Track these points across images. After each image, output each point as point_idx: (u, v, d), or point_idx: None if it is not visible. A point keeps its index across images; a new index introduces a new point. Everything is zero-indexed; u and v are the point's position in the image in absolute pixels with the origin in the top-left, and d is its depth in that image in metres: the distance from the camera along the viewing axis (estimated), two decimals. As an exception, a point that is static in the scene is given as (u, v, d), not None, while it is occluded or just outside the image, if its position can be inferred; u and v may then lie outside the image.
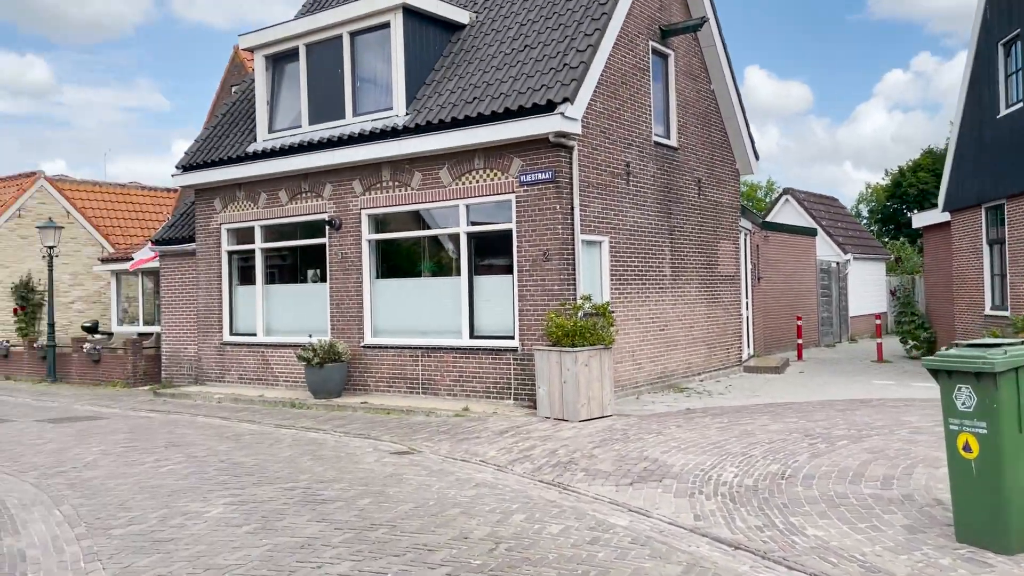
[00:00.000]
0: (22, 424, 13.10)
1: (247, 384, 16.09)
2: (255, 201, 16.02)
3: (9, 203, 25.90)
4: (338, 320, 14.73)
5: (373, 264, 14.49)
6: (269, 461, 9.06)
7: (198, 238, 17.06)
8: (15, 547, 6.06)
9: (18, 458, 9.99)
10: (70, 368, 20.61)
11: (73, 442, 11.02)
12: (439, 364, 13.38)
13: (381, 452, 9.50)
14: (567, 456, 8.73)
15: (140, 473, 8.66)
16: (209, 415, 13.35)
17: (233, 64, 26.11)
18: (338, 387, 14.05)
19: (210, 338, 16.80)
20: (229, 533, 6.16)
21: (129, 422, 12.90)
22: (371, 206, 14.30)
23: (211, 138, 17.16)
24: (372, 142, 13.91)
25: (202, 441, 10.68)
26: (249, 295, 16.38)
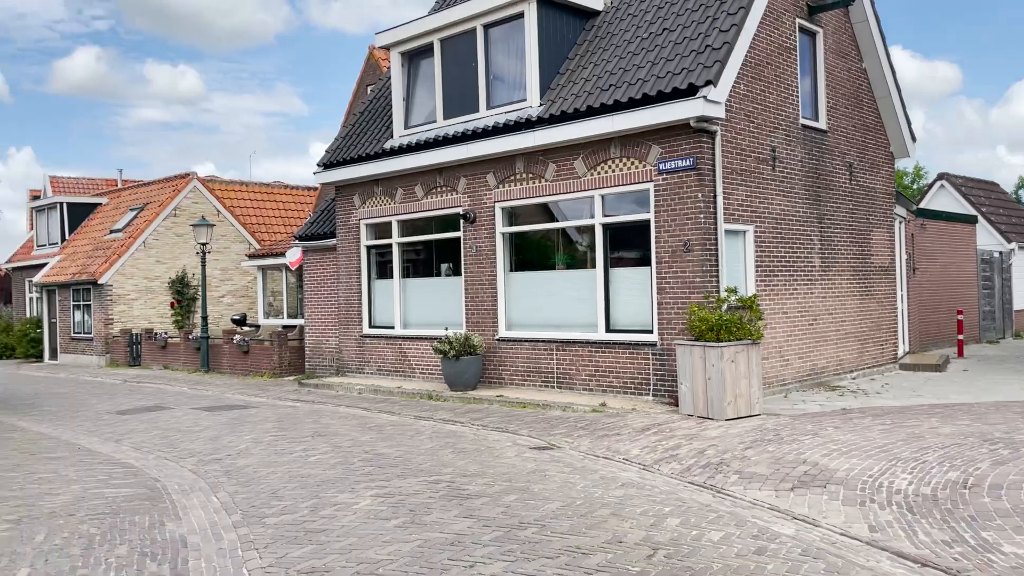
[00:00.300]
0: (180, 412, 13.82)
1: (385, 375, 16.39)
2: (392, 196, 16.28)
3: (166, 203, 27.61)
4: (472, 313, 14.74)
5: (507, 257, 14.40)
6: (411, 453, 9.08)
7: (338, 233, 17.52)
8: (177, 532, 6.26)
9: (177, 444, 10.48)
10: (221, 359, 21.72)
11: (226, 430, 11.48)
12: (574, 358, 13.13)
13: (520, 447, 9.34)
14: (717, 457, 8.28)
15: (289, 462, 8.86)
16: (351, 406, 13.65)
17: (368, 64, 26.78)
18: (473, 380, 14.06)
19: (350, 331, 17.24)
20: (378, 526, 6.12)
21: (277, 411, 13.36)
22: (505, 199, 14.21)
23: (350, 136, 17.58)
24: (506, 134, 13.80)
25: (346, 431, 10.88)
26: (387, 288, 16.68)
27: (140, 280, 26.84)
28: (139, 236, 26.76)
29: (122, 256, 26.36)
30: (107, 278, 26.03)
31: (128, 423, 12.68)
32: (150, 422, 12.68)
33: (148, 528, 6.38)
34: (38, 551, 5.77)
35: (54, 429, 12.34)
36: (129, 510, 6.95)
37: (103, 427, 12.33)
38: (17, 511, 6.98)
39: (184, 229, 27.64)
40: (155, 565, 5.45)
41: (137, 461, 9.40)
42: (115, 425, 12.50)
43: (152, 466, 9.06)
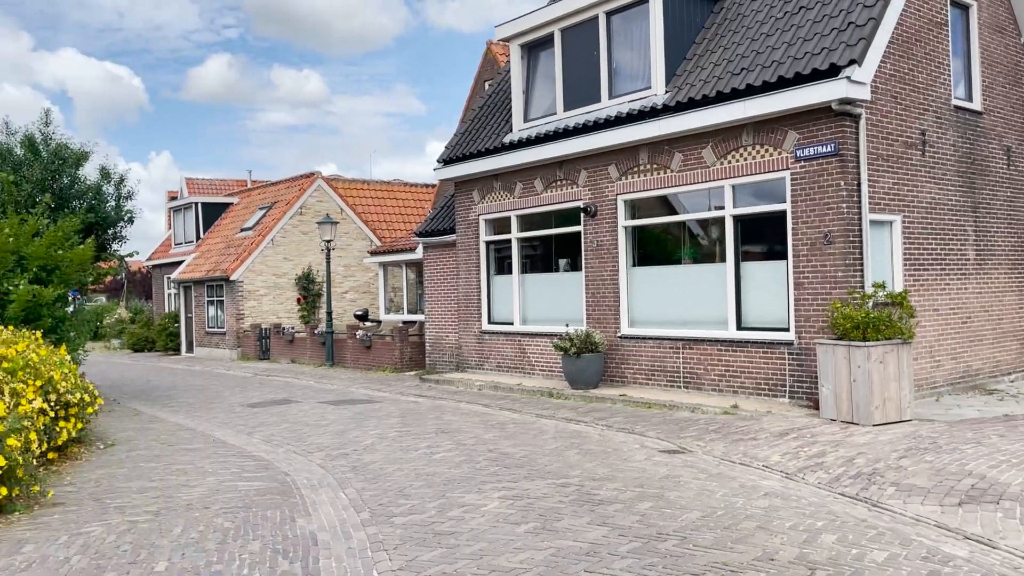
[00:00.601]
0: (307, 405, 14.10)
1: (505, 372, 16.25)
2: (511, 191, 16.11)
3: (292, 202, 28.54)
4: (593, 309, 14.37)
5: (629, 251, 13.95)
6: (536, 453, 8.82)
7: (458, 229, 17.52)
8: (307, 529, 6.21)
9: (305, 438, 10.63)
10: (345, 353, 22.22)
11: (352, 425, 11.58)
12: (702, 357, 12.56)
13: (649, 450, 8.93)
14: (868, 466, 7.61)
15: (415, 459, 8.77)
16: (471, 402, 13.55)
17: (486, 60, 26.78)
18: (595, 378, 13.70)
19: (470, 326, 17.20)
20: (508, 531, 5.88)
21: (399, 406, 13.42)
22: (627, 191, 13.76)
23: (468, 132, 17.53)
24: (629, 124, 13.35)
25: (468, 428, 10.75)
26: (506, 284, 16.53)
27: (269, 276, 27.85)
28: (267, 234, 27.77)
29: (252, 254, 27.43)
30: (238, 275, 27.14)
31: (259, 416, 13.02)
32: (279, 415, 12.97)
33: (279, 524, 6.37)
34: (175, 544, 5.83)
35: (190, 420, 12.81)
36: (261, 504, 6.99)
37: (236, 419, 12.70)
38: (156, 502, 7.15)
39: (309, 227, 28.49)
40: (287, 563, 5.39)
41: (268, 454, 9.55)
42: (247, 418, 12.85)
43: (282, 460, 9.17)
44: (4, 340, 9.59)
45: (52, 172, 15.40)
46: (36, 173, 15.09)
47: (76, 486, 7.95)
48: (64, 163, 15.55)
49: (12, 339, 9.82)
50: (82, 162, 15.81)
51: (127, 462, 9.19)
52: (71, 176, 15.61)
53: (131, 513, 6.78)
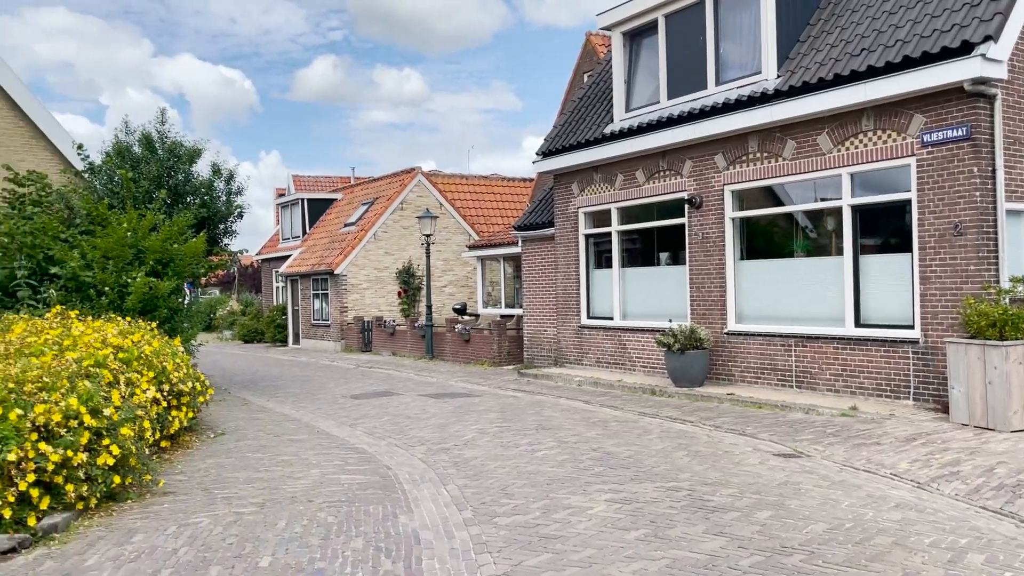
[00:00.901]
0: (408, 398, 14.15)
1: (604, 368, 15.91)
2: (611, 183, 15.73)
3: (393, 197, 28.93)
4: (698, 305, 13.86)
5: (736, 244, 13.37)
6: (642, 454, 8.48)
7: (556, 222, 17.27)
8: (409, 527, 6.09)
9: (406, 431, 10.60)
10: (444, 346, 22.33)
11: (452, 418, 11.50)
12: (816, 355, 11.89)
13: (763, 453, 8.45)
14: (1012, 477, 6.94)
15: (516, 456, 8.58)
16: (571, 398, 13.29)
17: (585, 52, 26.42)
18: (700, 376, 13.20)
19: (568, 321, 16.93)
20: (617, 537, 5.59)
21: (499, 401, 13.29)
22: (735, 181, 13.18)
23: (568, 123, 17.23)
24: (737, 111, 12.77)
25: (570, 425, 10.49)
26: (605, 278, 16.17)
27: (371, 270, 28.33)
28: (370, 229, 28.24)
29: (355, 248, 27.95)
30: (342, 268, 27.71)
31: (361, 408, 13.13)
32: (381, 407, 13.05)
33: (382, 520, 6.27)
34: (280, 538, 5.80)
35: (296, 411, 13.03)
36: (363, 499, 6.93)
37: (339, 411, 12.84)
38: (262, 494, 7.20)
39: (410, 222, 28.82)
40: (389, 562, 5.27)
41: (370, 447, 9.55)
42: (350, 409, 12.98)
43: (384, 453, 9.15)
44: (121, 331, 9.93)
45: (167, 169, 15.99)
46: (153, 170, 15.69)
47: (186, 475, 8.11)
48: (178, 160, 16.11)
49: (129, 330, 10.16)
50: (195, 159, 16.35)
51: (235, 452, 9.36)
52: (185, 172, 16.17)
53: (237, 504, 6.83)
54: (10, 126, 17.23)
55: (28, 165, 16.77)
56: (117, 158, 15.93)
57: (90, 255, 13.32)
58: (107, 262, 13.37)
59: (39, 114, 17.43)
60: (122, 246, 13.46)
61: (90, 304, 13.14)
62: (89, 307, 13.05)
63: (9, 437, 6.16)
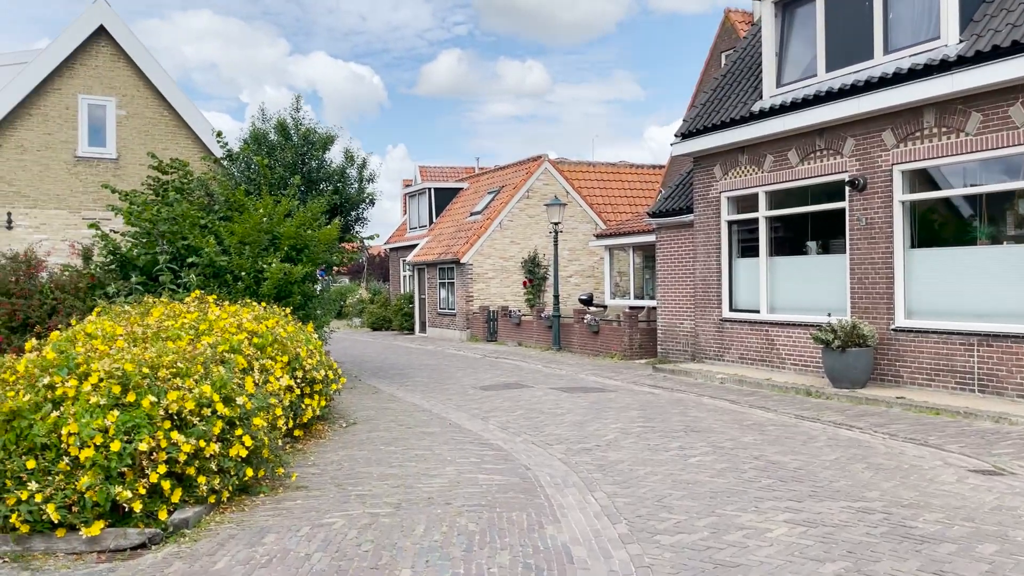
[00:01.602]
0: (539, 391, 13.55)
1: (748, 365, 14.78)
2: (759, 165, 14.55)
3: (519, 185, 28.45)
4: (860, 297, 12.55)
5: (906, 230, 11.99)
6: (813, 465, 7.50)
7: (696, 208, 16.22)
8: (559, 540, 5.43)
9: (541, 427, 9.98)
10: (571, 338, 21.65)
11: (589, 415, 10.80)
12: (1005, 356, 10.45)
13: (956, 468, 7.30)
14: None
15: (667, 462, 7.78)
16: (715, 397, 12.32)
17: (723, 30, 25.05)
18: (862, 376, 11.93)
19: (708, 313, 15.88)
20: (811, 571, 4.71)
21: (636, 398, 12.48)
22: (906, 160, 11.80)
23: (710, 102, 16.12)
24: (911, 81, 11.40)
25: (721, 428, 9.57)
26: (751, 268, 15.02)
27: (496, 260, 27.99)
28: (495, 218, 27.88)
29: (481, 237, 27.67)
30: (468, 258, 27.49)
31: (492, 400, 12.63)
32: (512, 400, 12.50)
33: (527, 530, 5.64)
34: (418, 548, 5.26)
35: (426, 401, 12.67)
36: (505, 504, 6.33)
37: (469, 403, 12.39)
38: (397, 492, 6.72)
39: (536, 211, 28.28)
40: (541, 584, 4.62)
41: (505, 443, 8.98)
42: (480, 401, 12.50)
43: (520, 451, 8.55)
44: (256, 316, 9.76)
45: (301, 155, 16.01)
46: (287, 156, 15.74)
47: (319, 468, 7.77)
48: (312, 147, 16.11)
49: (263, 315, 10.00)
50: (328, 146, 16.31)
51: (367, 444, 9.00)
52: (318, 159, 16.16)
53: (372, 504, 6.37)
54: (155, 115, 17.77)
55: (171, 153, 17.24)
56: (254, 145, 16.08)
57: (227, 240, 13.40)
58: (243, 248, 13.41)
59: (182, 104, 17.91)
60: (258, 232, 13.47)
61: (227, 289, 13.21)
62: (226, 292, 13.12)
63: (142, 425, 5.91)
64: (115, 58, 17.36)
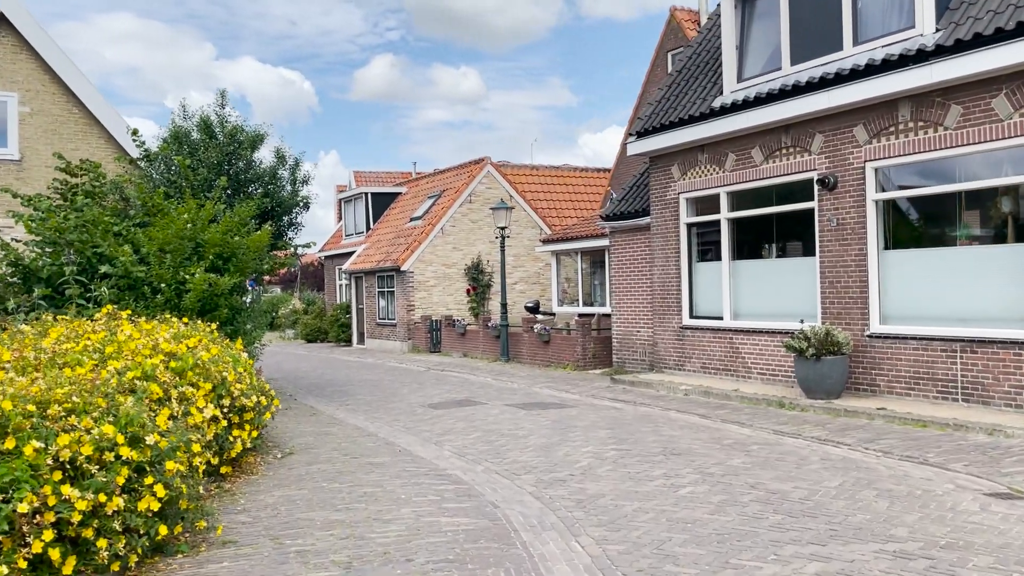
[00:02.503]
0: (494, 409, 12.52)
1: (712, 375, 14.04)
2: (720, 164, 13.85)
3: (461, 189, 27.41)
4: (832, 302, 11.91)
5: (880, 231, 11.39)
6: (818, 494, 6.66)
7: (653, 210, 15.45)
8: (551, 608, 4.42)
9: (503, 453, 8.96)
10: (520, 348, 20.69)
11: (555, 436, 9.82)
12: (991, 363, 9.88)
13: (972, 493, 6.56)
14: None
15: (655, 494, 6.85)
16: (683, 411, 11.50)
17: (668, 29, 24.51)
18: (838, 386, 11.27)
19: (667, 321, 15.11)
20: (873, 647, 3.82)
21: (601, 414, 11.56)
22: (880, 156, 11.20)
23: (666, 99, 15.38)
24: (885, 73, 10.80)
25: (702, 449, 8.70)
26: (712, 272, 14.30)
27: (438, 267, 26.88)
28: (437, 223, 26.78)
29: (422, 243, 26.52)
30: (408, 265, 26.31)
31: (443, 420, 11.55)
32: (466, 420, 11.45)
33: (509, 596, 4.62)
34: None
35: (371, 423, 11.53)
36: (477, 558, 5.29)
37: (419, 424, 11.29)
38: (346, 546, 5.61)
39: (479, 215, 27.29)
40: None
41: (465, 474, 7.94)
42: (431, 422, 11.42)
43: (484, 484, 7.52)
44: (176, 334, 8.51)
45: (228, 155, 14.67)
46: (212, 156, 14.39)
47: (250, 514, 6.60)
48: (240, 146, 14.78)
49: (184, 333, 8.74)
50: (257, 145, 15.01)
51: (307, 479, 7.84)
52: (246, 159, 14.83)
53: (316, 564, 5.25)
54: (63, 112, 16.16)
55: (82, 154, 15.67)
56: (174, 144, 14.68)
57: (145, 248, 12.04)
58: (163, 256, 12.07)
59: (93, 100, 16.34)
60: (179, 239, 12.14)
61: (145, 303, 11.85)
62: (144, 306, 11.77)
63: (23, 479, 4.69)
64: (16, 49, 15.71)
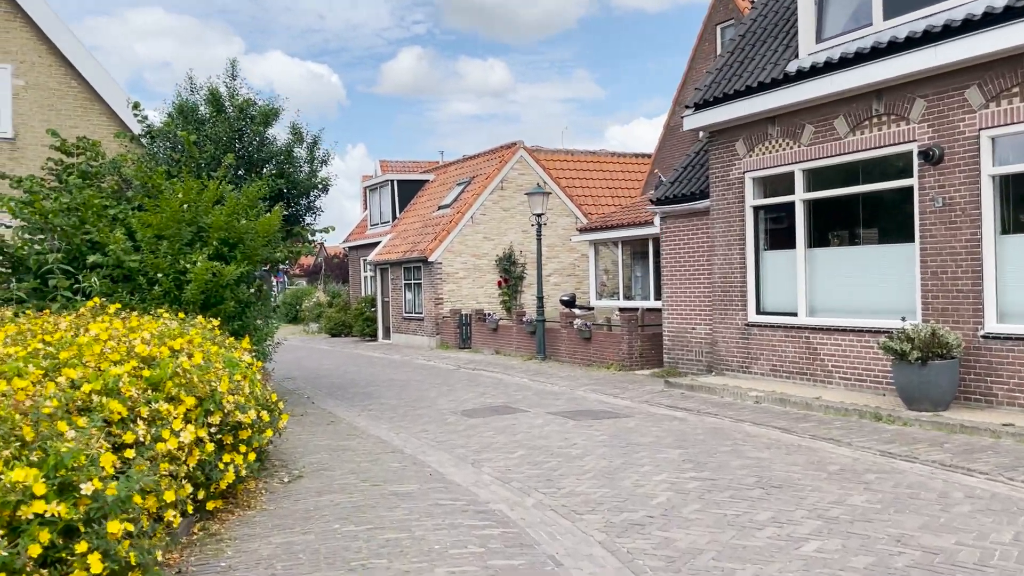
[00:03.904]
0: (537, 418, 10.89)
1: (784, 379, 12.30)
2: (795, 138, 12.08)
3: (492, 175, 25.77)
4: (935, 297, 10.13)
5: (997, 212, 9.58)
6: (994, 555, 4.95)
7: (713, 192, 13.71)
8: None
9: (556, 479, 7.33)
10: (558, 345, 19.05)
11: (616, 456, 8.16)
12: None
13: None
14: None
15: (770, 553, 5.17)
16: (759, 422, 9.81)
17: (718, 1, 22.61)
18: (946, 395, 9.51)
19: (729, 317, 13.38)
20: None
21: (663, 426, 9.89)
22: (999, 123, 9.39)
23: (728, 66, 13.61)
24: (1010, 22, 8.98)
25: (804, 479, 7.00)
26: (784, 262, 12.55)
27: (468, 257, 25.29)
28: (466, 211, 25.18)
29: (451, 233, 24.94)
30: (436, 256, 24.75)
31: (479, 432, 9.95)
32: (506, 432, 9.83)
33: None
34: None
35: (395, 434, 9.96)
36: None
37: (452, 436, 9.69)
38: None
39: (510, 203, 25.65)
40: None
41: (513, 510, 6.33)
42: (465, 434, 9.82)
43: (538, 524, 5.90)
44: (162, 333, 7.00)
45: (237, 131, 13.13)
46: (219, 131, 12.85)
47: (238, 572, 5.02)
48: (251, 121, 13.24)
49: (174, 331, 7.23)
50: (271, 120, 13.45)
51: (316, 517, 6.27)
52: (258, 135, 13.29)
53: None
54: (61, 86, 14.74)
55: (82, 131, 14.22)
56: (179, 118, 13.18)
57: (140, 234, 10.56)
58: (159, 243, 10.60)
59: (94, 73, 14.91)
60: (178, 222, 10.64)
61: (140, 296, 10.38)
62: (140, 299, 10.30)
63: None
64: (10, 17, 14.29)
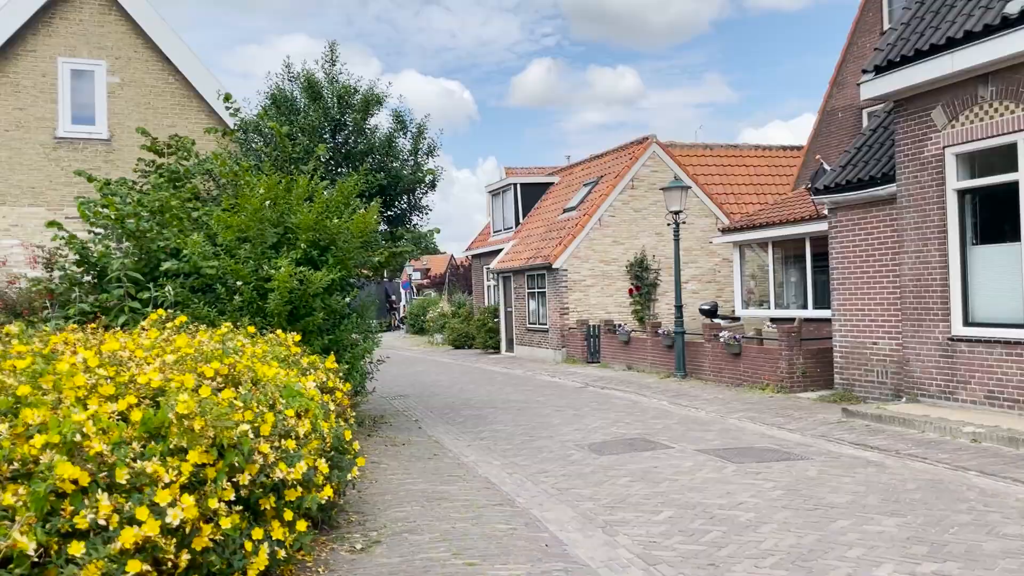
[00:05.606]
0: (685, 458, 8.67)
1: (1006, 409, 9.53)
2: (1018, 99, 9.34)
3: (622, 173, 23.59)
4: None
5: None
6: None
7: (900, 175, 11.07)
8: None
9: (723, 563, 5.15)
10: (701, 361, 16.64)
11: (802, 524, 5.88)
12: None
13: None
14: None
15: None
16: (988, 471, 7.27)
17: (882, -39, 19.60)
18: None
19: (925, 329, 10.69)
20: None
21: (854, 475, 7.47)
22: None
23: (917, 18, 10.95)
24: None
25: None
26: (1003, 259, 9.79)
27: (595, 263, 23.18)
28: (594, 213, 23.10)
29: (576, 237, 22.93)
30: (561, 262, 22.79)
31: (612, 476, 7.86)
32: (647, 480, 7.69)
33: None
34: None
35: (507, 476, 8.03)
36: None
37: (577, 483, 7.65)
38: None
39: (642, 203, 23.39)
40: None
41: (665, 622, 4.22)
42: (594, 480, 7.75)
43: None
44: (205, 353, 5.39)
45: (335, 121, 11.66)
46: (312, 120, 11.41)
47: None
48: (350, 109, 11.74)
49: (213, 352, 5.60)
50: (371, 108, 11.91)
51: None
52: (357, 125, 11.77)
53: None
54: (158, 83, 13.81)
55: (179, 130, 13.24)
56: (273, 109, 11.85)
57: (221, 236, 9.19)
58: (241, 246, 9.19)
59: (192, 68, 13.92)
60: (260, 222, 9.19)
61: (219, 307, 8.98)
62: (217, 311, 8.90)
63: None
64: (105, 9, 13.49)
